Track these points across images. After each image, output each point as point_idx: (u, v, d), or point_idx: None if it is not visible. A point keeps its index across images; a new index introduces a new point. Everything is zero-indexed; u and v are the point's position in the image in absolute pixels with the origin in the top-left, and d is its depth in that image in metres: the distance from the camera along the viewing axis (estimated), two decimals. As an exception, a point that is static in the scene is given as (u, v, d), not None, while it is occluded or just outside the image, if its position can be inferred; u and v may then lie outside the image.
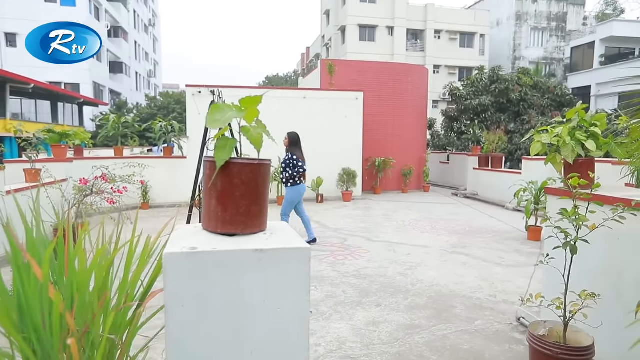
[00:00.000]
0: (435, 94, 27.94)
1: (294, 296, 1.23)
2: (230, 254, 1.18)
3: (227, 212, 1.24)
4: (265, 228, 1.36)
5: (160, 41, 56.00)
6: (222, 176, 1.23)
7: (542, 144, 3.18)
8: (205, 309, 1.17)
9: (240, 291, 1.19)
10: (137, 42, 43.11)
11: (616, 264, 2.78)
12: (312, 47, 44.40)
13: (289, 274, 1.22)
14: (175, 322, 1.14)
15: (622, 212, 2.34)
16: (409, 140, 13.56)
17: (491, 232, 7.51)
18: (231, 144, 1.22)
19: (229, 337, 1.19)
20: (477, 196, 11.84)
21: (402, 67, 14.69)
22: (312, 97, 11.46)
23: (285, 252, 1.22)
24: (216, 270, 1.17)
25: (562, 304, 2.57)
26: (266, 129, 1.32)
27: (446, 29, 33.23)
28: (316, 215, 9.21)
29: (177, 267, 1.14)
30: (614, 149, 2.83)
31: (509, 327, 3.67)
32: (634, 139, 2.18)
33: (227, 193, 1.24)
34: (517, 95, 14.58)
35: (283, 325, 1.23)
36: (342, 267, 5.44)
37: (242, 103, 1.26)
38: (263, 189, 1.30)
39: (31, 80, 19.99)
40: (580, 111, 3.16)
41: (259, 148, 1.25)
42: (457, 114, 16.36)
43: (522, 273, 5.13)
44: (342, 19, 32.91)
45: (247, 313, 1.20)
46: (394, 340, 3.44)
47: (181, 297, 1.14)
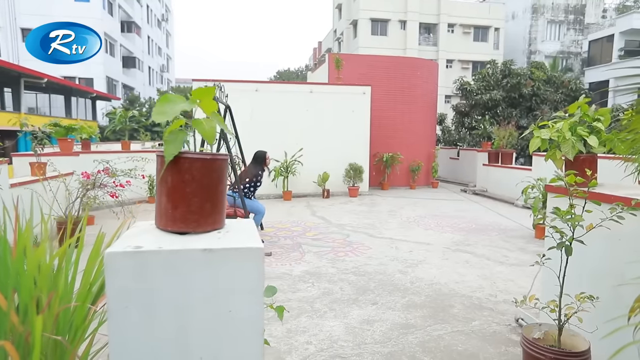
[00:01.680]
0: (448, 89, 27.51)
1: (247, 299, 1.17)
2: (177, 254, 1.12)
3: (178, 210, 1.18)
4: (222, 226, 1.29)
5: (173, 36, 56.34)
6: (172, 172, 1.17)
7: (542, 140, 3.05)
8: (150, 311, 1.11)
9: (188, 293, 1.13)
10: (150, 37, 43.44)
11: (618, 265, 2.66)
12: (324, 41, 44.15)
13: (240, 275, 1.16)
14: (117, 325, 1.09)
15: (621, 211, 2.22)
16: (417, 136, 13.38)
17: (497, 230, 7.35)
18: (182, 138, 1.16)
19: (177, 342, 1.13)
20: (486, 193, 11.63)
21: (411, 61, 14.47)
22: (318, 91, 11.36)
23: (237, 252, 1.15)
24: (162, 270, 1.11)
25: (557, 307, 2.46)
26: (223, 123, 1.26)
27: (460, 23, 32.68)
28: (320, 211, 9.15)
29: (119, 267, 1.08)
30: (617, 145, 2.69)
31: (507, 328, 3.57)
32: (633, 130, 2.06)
33: (178, 189, 1.18)
34: (530, 90, 14.24)
35: (235, 330, 1.17)
36: (342, 263, 5.37)
37: (194, 94, 1.20)
38: (218, 185, 1.24)
39: (44, 75, 20.27)
40: (583, 105, 3.02)
41: (211, 142, 1.19)
42: (468, 109, 16.07)
43: (526, 272, 4.99)
44: (354, 12, 32.62)
45: (197, 316, 1.14)
46: (387, 339, 3.36)
47: (124, 298, 1.09)
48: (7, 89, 21.80)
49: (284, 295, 4.29)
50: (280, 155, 10.72)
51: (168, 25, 52.43)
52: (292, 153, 10.74)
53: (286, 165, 10.63)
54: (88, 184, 6.16)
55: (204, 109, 1.25)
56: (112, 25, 33.30)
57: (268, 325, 3.59)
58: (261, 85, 11.16)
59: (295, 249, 6.02)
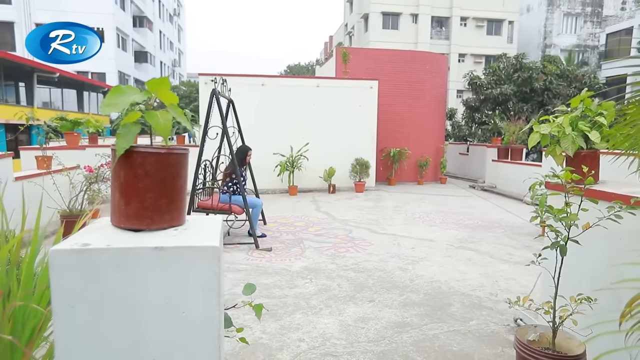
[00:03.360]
0: (459, 84, 27.12)
1: (202, 299, 1.12)
2: (126, 252, 1.07)
3: (131, 206, 1.14)
4: (180, 223, 1.24)
5: (185, 30, 56.56)
6: (124, 166, 1.12)
7: (543, 135, 2.94)
8: (99, 312, 1.07)
9: (139, 293, 1.09)
10: (162, 31, 43.67)
11: (618, 266, 2.55)
12: (335, 35, 43.85)
13: (194, 274, 1.11)
14: (63, 326, 1.05)
15: (619, 210, 2.12)
16: (426, 131, 13.21)
17: (504, 227, 7.21)
18: (135, 131, 1.11)
19: (127, 344, 1.09)
20: (495, 189, 11.44)
21: (419, 55, 14.25)
22: (325, 85, 11.26)
23: (190, 251, 1.10)
24: (111, 269, 1.07)
25: (551, 308, 2.37)
26: (183, 116, 1.20)
27: (473, 16, 32.13)
28: (325, 206, 9.09)
29: (65, 265, 1.04)
30: (619, 140, 2.57)
31: (505, 328, 3.48)
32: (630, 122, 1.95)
33: (130, 185, 1.13)
34: (541, 84, 13.91)
35: (190, 332, 1.12)
36: (341, 259, 5.32)
37: (148, 85, 1.15)
38: (174, 180, 1.18)
39: (57, 70, 20.53)
40: (585, 99, 2.90)
41: (165, 136, 1.13)
42: (478, 104, 15.79)
43: (530, 271, 4.86)
44: (365, 6, 32.29)
45: (149, 317, 1.10)
46: (381, 338, 3.30)
47: (71, 297, 1.05)
48: (21, 83, 22.17)
49: (280, 291, 4.26)
50: (286, 149, 10.67)
51: (180, 20, 52.65)
52: (298, 148, 10.68)
53: (292, 160, 10.58)
54: (91, 178, 6.19)
55: (163, 99, 1.20)
56: (124, 20, 33.55)
57: (262, 321, 3.56)
58: (267, 80, 11.10)
59: (296, 245, 5.98)
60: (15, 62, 18.87)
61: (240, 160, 6.18)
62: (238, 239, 6.17)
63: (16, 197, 6.02)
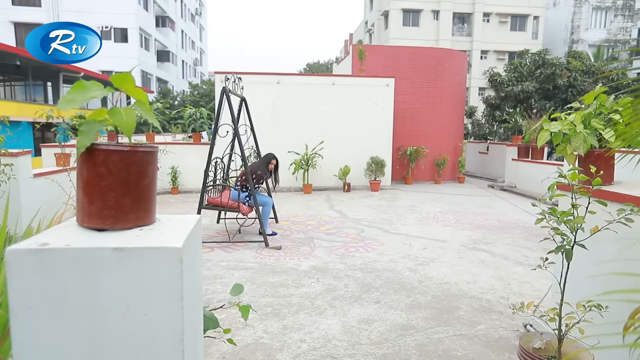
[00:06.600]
0: (482, 81, 26.54)
1: (165, 302, 1.08)
2: (85, 252, 1.04)
3: (94, 205, 1.11)
4: (147, 223, 1.21)
5: (207, 30, 57.26)
6: (87, 164, 1.10)
7: (555, 133, 2.80)
8: (58, 313, 1.05)
9: (99, 294, 1.06)
10: (183, 31, 44.32)
11: (631, 272, 2.40)
12: (355, 33, 43.59)
13: (156, 276, 1.07)
14: (21, 327, 1.03)
15: (630, 213, 1.99)
16: (443, 129, 12.96)
17: (521, 228, 7.00)
18: (97, 128, 1.08)
19: (87, 346, 1.07)
20: (514, 189, 11.13)
21: (437, 52, 13.99)
22: (340, 83, 11.18)
23: (152, 252, 1.07)
24: (71, 269, 1.04)
25: (557, 315, 2.26)
26: (150, 112, 1.17)
27: (496, 12, 31.43)
28: (339, 205, 9.03)
29: (22, 265, 1.02)
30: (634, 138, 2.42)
31: (514, 334, 3.35)
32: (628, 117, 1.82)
33: (92, 183, 1.10)
34: (565, 81, 13.44)
35: (152, 335, 1.09)
36: (351, 259, 5.25)
37: (113, 80, 1.12)
38: (140, 179, 1.15)
39: (81, 69, 21.10)
40: (600, 95, 2.75)
41: (129, 134, 1.10)
42: (498, 102, 15.39)
43: (545, 274, 4.66)
44: (385, 3, 31.98)
45: (109, 320, 1.07)
46: (384, 340, 3.23)
47: (28, 297, 1.03)
48: (48, 82, 22.91)
49: (286, 290, 4.23)
50: (301, 148, 10.65)
51: (202, 19, 53.32)
52: (313, 146, 10.65)
53: (307, 158, 10.55)
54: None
55: (132, 95, 1.17)
56: (147, 20, 34.20)
57: (265, 320, 3.54)
58: (283, 78, 11.09)
59: (306, 243, 5.94)
60: (43, 63, 19.47)
61: (263, 166, 6.26)
62: (248, 237, 6.18)
63: (35, 193, 6.18)
